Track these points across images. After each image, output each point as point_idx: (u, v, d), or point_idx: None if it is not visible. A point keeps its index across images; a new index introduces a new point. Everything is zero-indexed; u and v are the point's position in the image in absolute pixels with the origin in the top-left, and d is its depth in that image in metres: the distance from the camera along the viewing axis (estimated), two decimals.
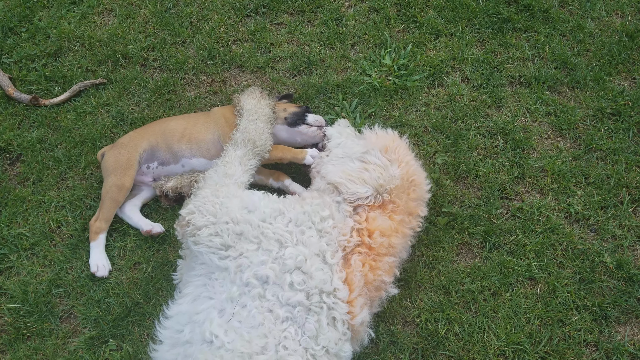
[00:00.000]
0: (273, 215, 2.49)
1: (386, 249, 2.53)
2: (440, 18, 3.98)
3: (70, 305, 2.94)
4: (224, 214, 2.50)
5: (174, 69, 3.77)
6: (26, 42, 3.93)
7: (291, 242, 2.40)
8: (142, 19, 4.04)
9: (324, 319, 2.28)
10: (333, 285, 2.34)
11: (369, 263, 2.47)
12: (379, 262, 2.50)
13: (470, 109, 3.55)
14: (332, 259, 2.41)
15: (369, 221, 2.58)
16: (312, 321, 2.26)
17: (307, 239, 2.42)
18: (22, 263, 3.07)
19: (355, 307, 2.37)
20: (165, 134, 3.16)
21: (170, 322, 2.42)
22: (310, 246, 2.41)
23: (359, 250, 2.49)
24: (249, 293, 2.28)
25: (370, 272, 2.46)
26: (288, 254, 2.35)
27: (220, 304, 2.30)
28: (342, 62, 3.79)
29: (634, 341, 2.80)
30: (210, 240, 2.44)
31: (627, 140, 3.40)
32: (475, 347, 2.78)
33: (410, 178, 2.77)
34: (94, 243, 3.04)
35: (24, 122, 3.58)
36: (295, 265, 2.33)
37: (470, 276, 2.98)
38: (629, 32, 3.85)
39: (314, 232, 2.46)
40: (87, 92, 3.69)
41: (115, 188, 3.06)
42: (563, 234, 3.08)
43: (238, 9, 4.05)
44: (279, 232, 2.42)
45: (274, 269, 2.31)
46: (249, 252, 2.38)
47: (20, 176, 3.37)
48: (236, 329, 2.20)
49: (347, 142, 2.98)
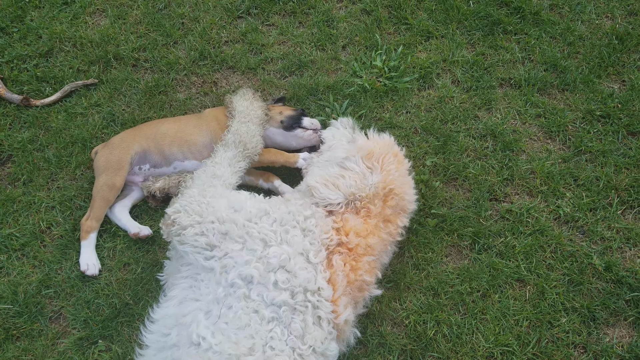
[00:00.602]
0: (259, 215, 2.49)
1: (364, 249, 2.53)
2: (431, 20, 4.00)
3: (59, 306, 2.94)
4: (210, 213, 2.50)
5: (165, 69, 3.78)
6: (18, 42, 3.92)
7: (275, 241, 2.39)
8: (134, 19, 4.04)
9: (310, 318, 2.28)
10: (317, 284, 2.34)
11: (349, 263, 2.48)
12: (358, 262, 2.50)
13: (460, 111, 3.56)
14: (316, 259, 2.41)
15: (344, 222, 2.58)
16: (298, 320, 2.26)
17: (291, 238, 2.42)
18: (12, 263, 3.06)
19: (339, 306, 2.38)
20: (156, 138, 3.16)
21: (156, 325, 2.40)
22: (294, 245, 2.40)
23: (339, 250, 2.50)
24: (234, 294, 2.27)
25: (351, 272, 2.47)
26: (272, 253, 2.34)
27: (207, 305, 2.29)
28: (333, 64, 3.80)
29: (622, 343, 2.81)
30: (196, 239, 2.44)
31: (616, 142, 3.42)
32: (464, 349, 2.79)
33: (388, 187, 2.72)
34: (84, 242, 3.05)
35: (15, 122, 3.57)
36: (279, 264, 2.33)
37: (459, 278, 2.99)
38: (618, 34, 3.87)
39: (298, 231, 2.46)
40: (78, 92, 3.69)
41: (106, 187, 3.06)
42: (552, 236, 3.09)
43: (230, 10, 4.05)
44: (263, 232, 2.41)
45: (258, 268, 2.31)
46: (234, 252, 2.37)
47: (11, 176, 3.36)
48: (223, 331, 2.19)
49: (335, 145, 2.99)
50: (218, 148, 2.98)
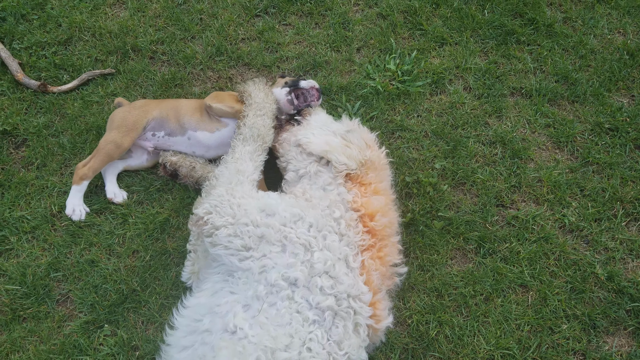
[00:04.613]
0: (293, 220, 2.46)
1: (389, 229, 2.55)
2: (445, 27, 4.04)
3: (67, 290, 2.97)
4: (243, 215, 2.47)
5: (181, 63, 3.82)
6: (37, 29, 3.98)
7: (317, 247, 2.37)
8: (153, 12, 4.09)
9: (350, 324, 2.27)
10: (359, 290, 2.34)
11: (377, 257, 2.48)
12: (384, 248, 2.51)
13: (471, 117, 3.60)
14: (354, 263, 2.40)
15: (366, 206, 2.58)
16: (340, 326, 2.25)
17: (330, 244, 2.40)
18: (22, 246, 3.10)
19: (381, 311, 2.38)
20: (176, 108, 3.23)
21: (188, 311, 2.40)
22: (334, 250, 2.39)
23: (362, 243, 2.49)
24: (278, 294, 2.26)
25: (381, 265, 2.47)
26: (317, 258, 2.33)
27: (245, 299, 2.28)
28: (347, 65, 3.85)
29: (621, 352, 2.83)
30: (230, 241, 2.41)
31: (623, 155, 3.45)
32: (465, 350, 2.81)
33: (381, 162, 2.84)
34: (76, 187, 3.12)
35: (31, 107, 3.62)
36: (324, 269, 2.32)
37: (463, 280, 3.02)
38: (630, 50, 3.91)
39: (336, 236, 2.45)
40: (95, 81, 3.74)
41: (113, 145, 3.10)
42: (556, 244, 3.12)
43: (248, 8, 4.11)
44: (303, 237, 2.39)
45: (303, 271, 2.29)
46: (273, 254, 2.36)
47: (25, 160, 3.40)
48: (262, 325, 2.18)
49: (327, 119, 3.08)
50: (236, 143, 2.97)
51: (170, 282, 2.96)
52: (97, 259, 3.04)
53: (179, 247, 3.06)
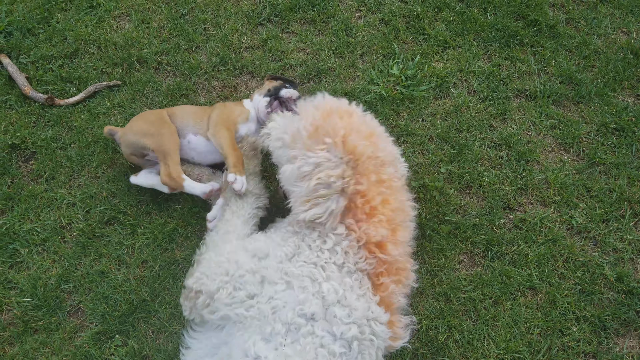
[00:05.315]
0: (288, 257, 2.35)
1: (404, 257, 2.42)
2: (448, 31, 4.05)
3: (78, 301, 2.99)
4: (236, 268, 2.37)
5: (186, 73, 3.85)
6: (43, 43, 4.02)
7: (322, 278, 2.24)
8: (157, 24, 4.12)
9: (374, 352, 2.20)
10: (374, 313, 2.25)
11: (395, 278, 2.37)
12: (401, 267, 2.40)
13: (476, 120, 3.61)
14: (361, 289, 2.29)
15: (367, 235, 2.34)
16: (367, 354, 2.17)
17: (330, 274, 2.27)
18: (33, 258, 3.12)
19: (399, 329, 2.33)
20: (181, 111, 3.23)
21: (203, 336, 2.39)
22: (336, 279, 2.26)
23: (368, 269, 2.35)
24: (298, 331, 2.14)
25: (401, 285, 2.39)
26: (326, 289, 2.21)
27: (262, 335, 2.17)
28: (350, 71, 3.86)
29: (632, 353, 2.82)
30: (233, 296, 2.30)
31: (629, 155, 3.45)
32: (475, 355, 2.81)
33: (358, 155, 2.39)
34: (187, 184, 3.04)
35: (39, 120, 3.65)
36: (337, 299, 2.20)
37: (471, 284, 3.02)
38: (634, 49, 3.90)
39: (333, 266, 2.31)
40: (102, 93, 3.77)
41: (168, 134, 3.07)
42: (564, 246, 3.12)
43: (251, 17, 4.13)
44: (305, 271, 2.27)
45: (317, 304, 2.17)
46: (280, 294, 2.24)
47: (34, 173, 3.43)
48: (287, 357, 2.08)
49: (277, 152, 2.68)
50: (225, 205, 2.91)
51: (179, 292, 2.97)
52: (107, 269, 3.06)
53: (188, 256, 3.08)
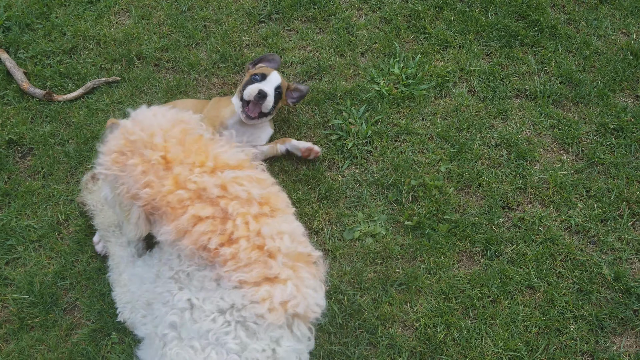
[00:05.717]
0: (157, 277, 2.44)
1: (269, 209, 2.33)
2: (449, 30, 4.05)
3: (74, 298, 2.98)
4: (131, 295, 2.68)
5: (186, 70, 3.84)
6: (42, 38, 4.00)
7: (177, 289, 2.26)
8: (157, 20, 4.11)
9: (242, 332, 2.11)
10: (231, 298, 2.16)
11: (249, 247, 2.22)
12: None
13: (476, 120, 3.61)
14: (209, 282, 2.23)
15: None
16: (231, 339, 2.10)
17: (182, 284, 2.28)
18: (29, 254, 3.11)
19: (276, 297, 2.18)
20: (182, 105, 3.21)
21: None
22: (187, 285, 2.26)
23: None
24: (170, 341, 2.18)
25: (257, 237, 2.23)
26: (177, 299, 2.21)
27: (155, 349, 2.26)
28: (351, 70, 3.85)
29: (629, 352, 2.83)
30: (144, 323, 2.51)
31: (628, 155, 3.45)
32: (473, 353, 2.81)
33: (150, 139, 2.41)
34: None
35: (37, 116, 3.64)
36: (190, 304, 2.18)
37: (470, 283, 3.02)
38: (633, 50, 3.91)
39: (183, 275, 2.30)
40: (100, 89, 3.75)
41: None
42: (563, 245, 3.12)
43: (252, 14, 4.12)
44: (167, 287, 2.29)
45: (175, 314, 2.18)
46: (157, 311, 2.32)
47: (31, 169, 3.42)
48: None
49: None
50: (106, 243, 3.03)
51: None
52: (104, 266, 3.04)
53: None
